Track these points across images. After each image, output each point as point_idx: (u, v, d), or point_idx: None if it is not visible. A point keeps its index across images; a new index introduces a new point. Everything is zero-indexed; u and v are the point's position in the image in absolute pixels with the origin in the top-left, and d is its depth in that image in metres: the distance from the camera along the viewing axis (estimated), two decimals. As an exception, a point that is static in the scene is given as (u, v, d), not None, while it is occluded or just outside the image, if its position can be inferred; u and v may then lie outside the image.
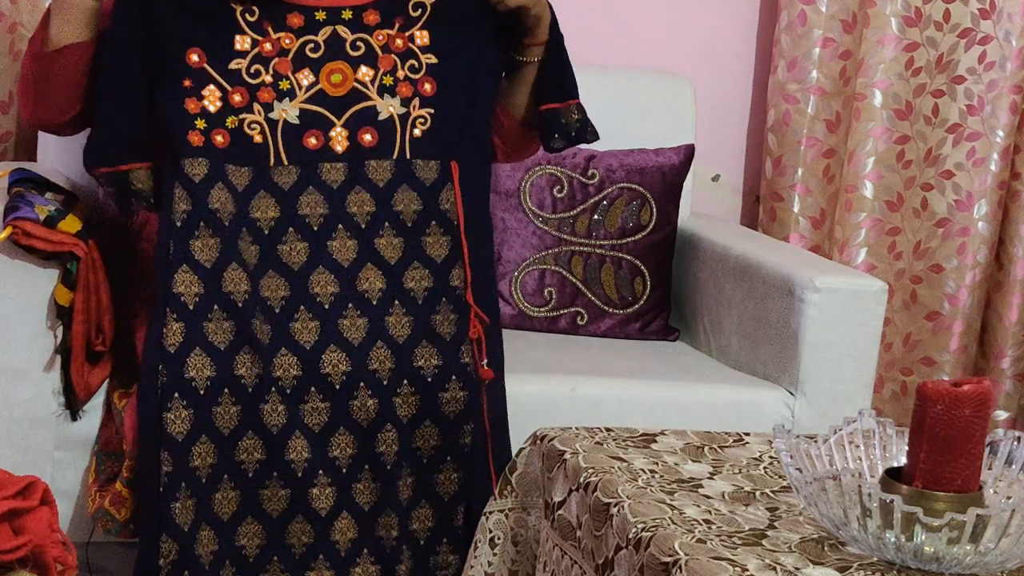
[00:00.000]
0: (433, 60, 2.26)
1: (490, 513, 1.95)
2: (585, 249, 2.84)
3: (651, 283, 2.85)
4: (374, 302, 2.16)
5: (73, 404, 2.25)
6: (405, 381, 2.13)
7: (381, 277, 2.18)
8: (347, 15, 2.23)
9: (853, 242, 3.34)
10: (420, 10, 2.26)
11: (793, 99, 3.21)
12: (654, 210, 2.85)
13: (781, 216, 3.25)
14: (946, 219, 3.37)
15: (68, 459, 2.27)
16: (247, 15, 2.20)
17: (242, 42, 2.19)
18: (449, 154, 2.24)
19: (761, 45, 3.34)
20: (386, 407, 2.12)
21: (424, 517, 2.17)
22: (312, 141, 2.20)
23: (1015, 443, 1.64)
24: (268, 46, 2.20)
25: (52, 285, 2.22)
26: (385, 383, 2.12)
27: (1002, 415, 3.45)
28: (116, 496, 2.14)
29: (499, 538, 1.94)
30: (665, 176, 2.87)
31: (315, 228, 2.18)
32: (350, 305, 2.15)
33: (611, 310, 2.84)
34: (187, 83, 2.16)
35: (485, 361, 2.22)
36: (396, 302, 2.17)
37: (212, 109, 2.16)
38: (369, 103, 2.22)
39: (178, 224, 2.12)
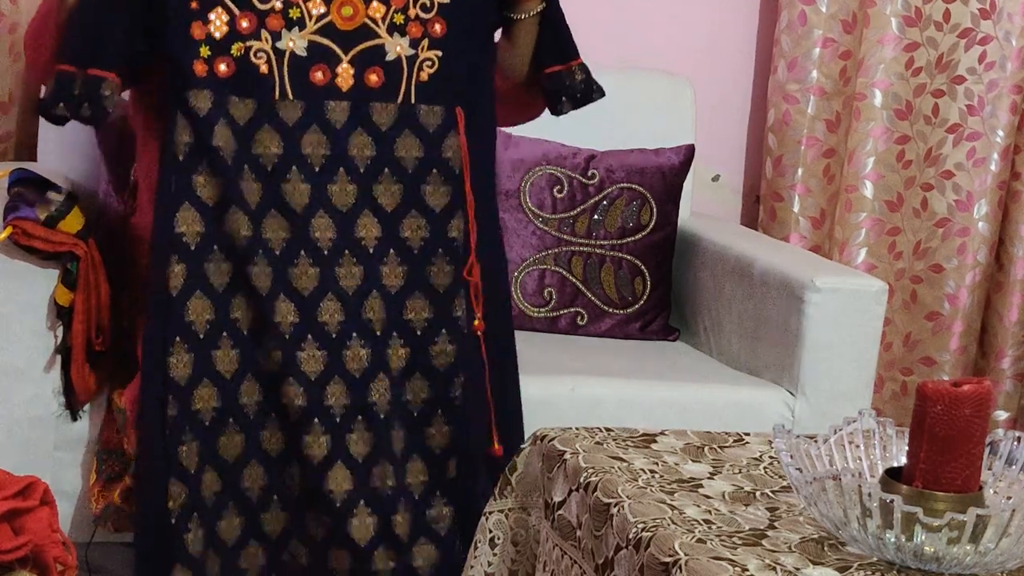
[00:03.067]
0: (445, 0, 2.21)
1: (490, 513, 1.95)
2: (585, 249, 2.84)
3: (651, 283, 2.85)
4: (370, 250, 2.16)
5: (73, 404, 2.26)
6: (395, 333, 2.14)
7: (377, 225, 2.17)
8: None
9: (853, 242, 3.34)
10: None
11: (793, 99, 3.21)
12: (654, 210, 2.85)
13: (781, 216, 3.25)
14: (946, 219, 3.37)
15: (68, 459, 2.27)
16: None
17: None
18: (455, 100, 2.21)
19: (761, 45, 3.34)
20: (379, 357, 2.13)
21: (417, 471, 2.17)
22: (318, 76, 2.16)
23: (1015, 443, 1.64)
24: None
25: (52, 285, 2.22)
26: (378, 333, 2.13)
27: (1002, 415, 3.45)
28: (128, 491, 2.14)
29: (499, 538, 1.93)
30: (665, 176, 2.87)
31: (317, 169, 2.15)
32: (347, 252, 2.15)
33: (611, 310, 2.84)
34: (194, 5, 2.10)
35: (479, 315, 2.21)
36: (391, 251, 2.17)
37: (218, 36, 2.10)
38: (378, 41, 2.18)
39: (180, 158, 2.09)
